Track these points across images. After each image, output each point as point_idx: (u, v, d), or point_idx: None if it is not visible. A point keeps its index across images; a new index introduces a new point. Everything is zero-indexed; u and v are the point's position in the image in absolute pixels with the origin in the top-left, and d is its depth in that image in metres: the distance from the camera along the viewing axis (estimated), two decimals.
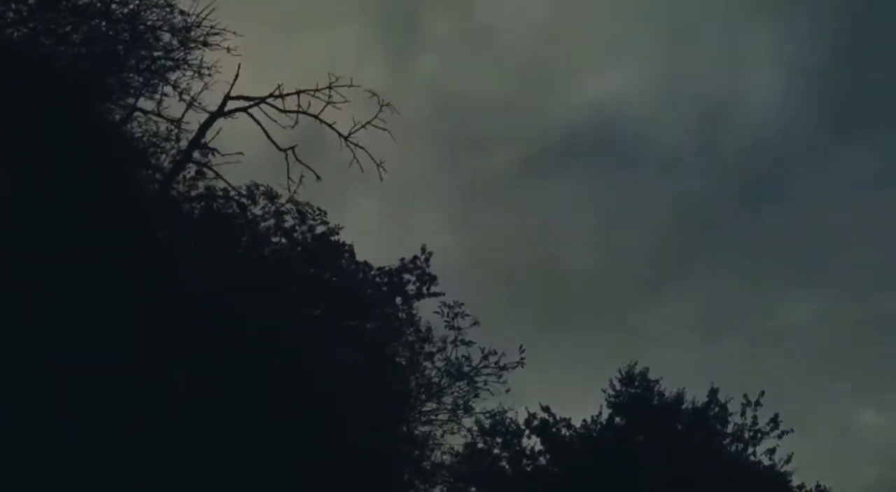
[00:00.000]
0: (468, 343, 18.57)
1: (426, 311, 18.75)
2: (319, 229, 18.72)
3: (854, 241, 39.97)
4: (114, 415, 12.92)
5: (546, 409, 23.75)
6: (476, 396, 18.76)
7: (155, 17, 18.20)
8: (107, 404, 12.89)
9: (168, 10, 17.98)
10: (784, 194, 41.07)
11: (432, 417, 18.58)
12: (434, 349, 18.63)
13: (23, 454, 12.07)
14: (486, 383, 18.65)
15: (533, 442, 23.62)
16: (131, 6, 18.28)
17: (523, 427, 23.38)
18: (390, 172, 18.46)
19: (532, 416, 23.60)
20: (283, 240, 18.87)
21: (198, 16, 19.28)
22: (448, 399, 18.74)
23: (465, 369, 18.59)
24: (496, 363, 18.57)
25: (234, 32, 19.06)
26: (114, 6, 18.16)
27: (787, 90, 42.68)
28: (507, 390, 18.78)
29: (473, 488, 22.27)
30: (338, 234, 18.74)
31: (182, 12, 17.92)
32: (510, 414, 21.44)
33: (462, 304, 18.63)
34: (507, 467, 23.33)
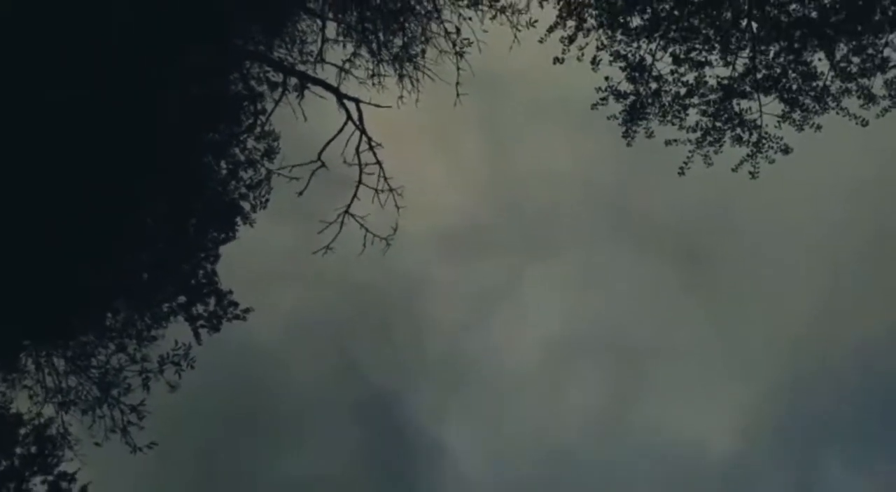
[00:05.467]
0: (178, 364, 17.38)
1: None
2: (247, 192, 18.70)
3: None
4: None
5: None
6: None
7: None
8: None
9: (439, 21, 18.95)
10: None
11: None
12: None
13: None
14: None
15: None
16: None
17: None
18: (326, 257, 18.69)
19: None
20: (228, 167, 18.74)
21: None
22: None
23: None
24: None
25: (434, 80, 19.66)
26: None
27: None
28: None
29: None
30: (249, 218, 18.62)
31: (446, 33, 18.83)
32: None
33: (193, 363, 17.60)
34: None
